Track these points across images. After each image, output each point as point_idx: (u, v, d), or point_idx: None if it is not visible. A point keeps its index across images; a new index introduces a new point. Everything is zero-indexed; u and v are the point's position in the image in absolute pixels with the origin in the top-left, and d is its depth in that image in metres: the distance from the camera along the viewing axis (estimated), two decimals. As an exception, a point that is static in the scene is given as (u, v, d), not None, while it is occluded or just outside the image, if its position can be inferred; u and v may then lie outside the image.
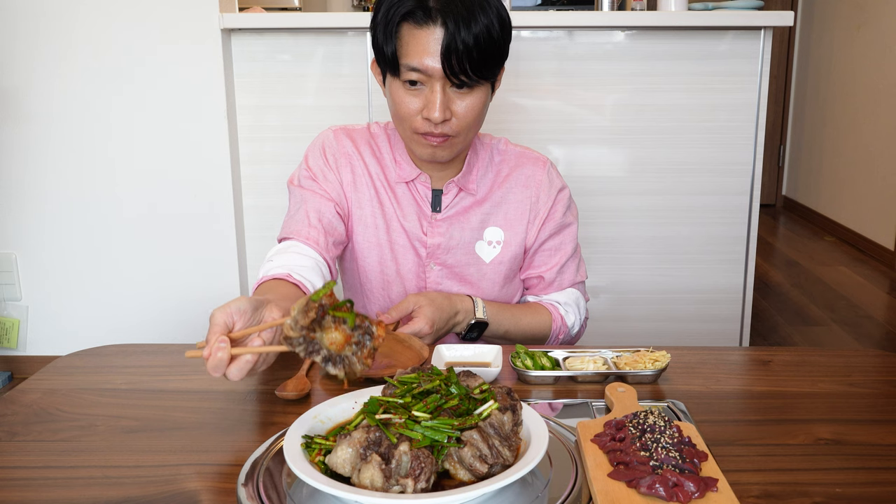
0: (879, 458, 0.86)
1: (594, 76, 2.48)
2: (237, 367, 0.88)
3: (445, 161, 1.30)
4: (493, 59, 1.20)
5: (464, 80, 1.18)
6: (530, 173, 1.38)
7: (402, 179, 1.34)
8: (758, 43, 2.44)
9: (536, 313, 1.39)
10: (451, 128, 1.22)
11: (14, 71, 2.52)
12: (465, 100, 1.21)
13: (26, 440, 0.92)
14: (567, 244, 1.42)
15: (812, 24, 5.42)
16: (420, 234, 1.36)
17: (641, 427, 0.82)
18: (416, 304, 1.24)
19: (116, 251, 2.64)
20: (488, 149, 1.39)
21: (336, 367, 0.81)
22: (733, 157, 2.52)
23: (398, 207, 1.36)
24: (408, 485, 0.70)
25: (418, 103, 1.21)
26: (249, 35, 2.49)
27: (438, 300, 1.26)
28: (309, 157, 1.38)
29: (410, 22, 1.17)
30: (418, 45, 1.16)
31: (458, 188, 1.35)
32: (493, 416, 0.78)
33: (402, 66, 1.19)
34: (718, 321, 2.64)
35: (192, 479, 0.82)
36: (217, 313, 0.89)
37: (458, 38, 1.14)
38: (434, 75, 1.17)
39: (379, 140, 1.38)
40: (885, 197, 4.33)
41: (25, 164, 2.59)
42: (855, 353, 1.19)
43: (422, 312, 1.22)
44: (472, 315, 1.31)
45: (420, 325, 1.21)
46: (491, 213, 1.37)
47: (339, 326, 0.81)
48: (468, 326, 1.31)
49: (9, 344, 2.74)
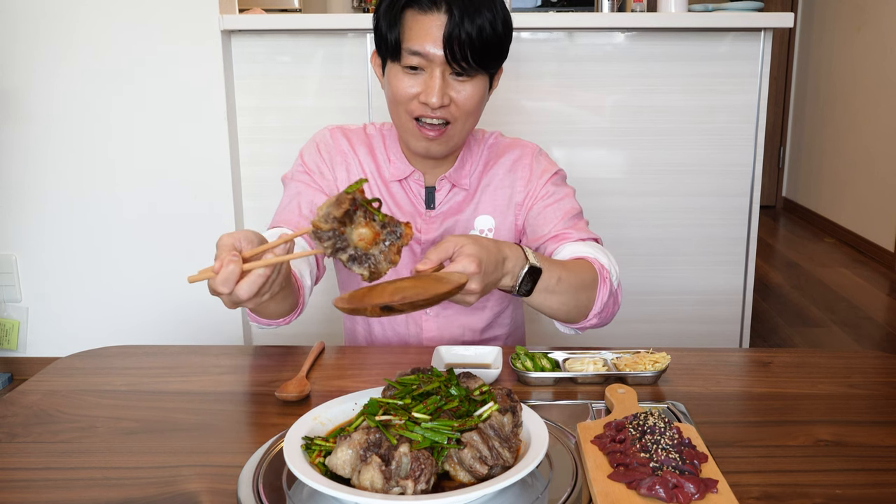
0: (879, 459, 0.86)
1: (594, 77, 2.49)
2: (248, 283, 0.87)
3: (440, 157, 1.30)
4: (494, 51, 1.21)
5: (464, 67, 1.19)
6: (517, 157, 1.38)
7: (396, 177, 1.35)
8: (758, 44, 2.44)
9: (573, 262, 1.22)
10: (449, 113, 1.23)
11: (14, 72, 2.52)
12: (464, 87, 1.22)
13: (26, 441, 0.92)
14: (568, 204, 1.35)
15: (812, 26, 5.42)
16: (415, 233, 1.36)
17: (641, 428, 0.82)
18: (457, 245, 1.04)
19: (116, 252, 2.64)
20: (481, 143, 1.40)
21: (362, 266, 0.80)
22: (733, 158, 2.52)
23: (393, 205, 1.36)
24: (408, 486, 0.70)
25: (417, 87, 1.22)
26: (249, 36, 2.50)
27: (484, 241, 1.07)
28: (304, 153, 1.39)
29: (415, 8, 1.19)
30: (421, 30, 1.18)
31: (451, 184, 1.35)
32: (493, 418, 0.78)
33: (404, 49, 1.20)
34: (718, 322, 2.64)
35: (192, 481, 0.82)
36: (225, 237, 0.89)
37: (461, 27, 1.16)
38: (435, 60, 1.19)
39: (374, 140, 1.40)
40: (885, 198, 4.33)
41: (25, 165, 2.59)
42: (855, 354, 1.19)
43: (464, 251, 1.02)
44: (523, 261, 1.11)
45: (465, 263, 1.00)
46: (480, 202, 1.37)
47: (368, 223, 0.81)
48: (521, 277, 1.11)
49: (9, 345, 2.74)
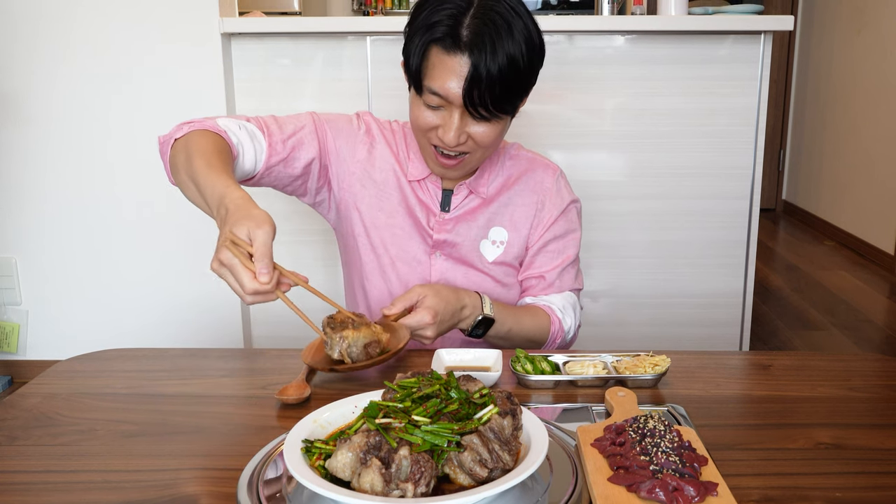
0: (879, 462, 0.86)
1: (594, 80, 2.49)
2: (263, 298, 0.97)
3: (456, 178, 1.34)
4: (516, 91, 1.21)
5: (483, 115, 1.19)
6: (539, 179, 1.40)
7: (415, 177, 1.37)
8: (758, 47, 2.44)
9: (536, 316, 1.38)
10: (467, 147, 1.24)
11: (13, 74, 2.52)
12: (482, 127, 1.22)
13: (26, 444, 0.92)
14: (570, 248, 1.43)
15: (812, 29, 5.43)
16: (427, 228, 1.37)
17: (641, 431, 0.82)
18: (420, 295, 1.21)
19: (116, 255, 2.64)
20: (501, 154, 1.41)
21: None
22: (733, 161, 2.52)
23: (408, 202, 1.38)
24: (408, 489, 0.70)
25: (436, 120, 1.22)
26: (249, 39, 2.50)
27: (444, 293, 1.24)
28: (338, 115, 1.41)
29: (439, 46, 1.17)
30: (444, 71, 1.17)
31: (469, 190, 1.37)
32: (493, 421, 0.78)
33: (425, 87, 1.20)
34: (718, 325, 2.64)
35: (191, 484, 0.82)
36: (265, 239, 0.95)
37: (484, 70, 1.14)
38: (454, 102, 1.18)
39: (397, 136, 1.41)
40: (885, 201, 4.33)
41: (25, 168, 2.59)
42: (855, 357, 1.19)
43: (425, 303, 1.20)
44: (479, 311, 1.28)
45: (422, 315, 1.19)
46: (497, 214, 1.39)
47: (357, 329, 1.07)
48: (475, 322, 1.28)
49: (9, 348, 2.74)
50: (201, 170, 1.09)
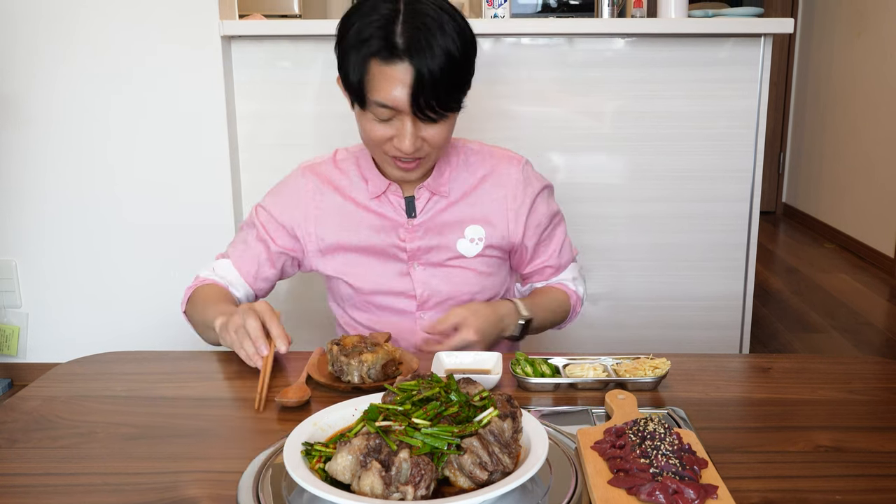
0: (879, 465, 0.86)
1: (594, 83, 2.49)
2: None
3: (416, 180, 1.35)
4: (460, 86, 1.22)
5: (432, 117, 1.20)
6: (504, 171, 1.40)
7: (375, 195, 1.37)
8: (758, 50, 2.44)
9: (556, 296, 1.47)
10: (424, 152, 1.26)
11: (13, 75, 2.52)
12: (434, 128, 1.23)
13: (26, 447, 0.92)
14: (559, 229, 1.48)
15: (812, 31, 5.43)
16: (398, 242, 1.37)
17: (641, 434, 0.82)
18: (459, 318, 1.26)
19: (116, 258, 2.64)
20: (461, 152, 1.40)
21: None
22: (733, 163, 2.52)
23: (374, 222, 1.38)
24: (408, 492, 0.70)
25: (389, 131, 1.22)
26: (249, 42, 2.50)
27: (482, 310, 1.30)
28: (273, 195, 1.44)
29: (378, 58, 1.16)
30: (387, 82, 1.16)
31: (430, 192, 1.37)
32: (493, 424, 0.78)
33: (371, 101, 1.19)
34: (718, 328, 2.64)
35: (191, 486, 0.82)
36: (255, 322, 1.14)
37: (424, 73, 1.14)
38: (404, 110, 1.18)
39: (346, 164, 1.41)
40: (885, 204, 4.33)
41: (25, 170, 2.59)
42: (855, 360, 1.19)
43: (466, 323, 1.25)
44: (516, 316, 1.35)
45: (466, 335, 1.24)
46: (469, 213, 1.39)
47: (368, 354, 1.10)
48: (519, 327, 1.35)
49: (9, 351, 2.74)
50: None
